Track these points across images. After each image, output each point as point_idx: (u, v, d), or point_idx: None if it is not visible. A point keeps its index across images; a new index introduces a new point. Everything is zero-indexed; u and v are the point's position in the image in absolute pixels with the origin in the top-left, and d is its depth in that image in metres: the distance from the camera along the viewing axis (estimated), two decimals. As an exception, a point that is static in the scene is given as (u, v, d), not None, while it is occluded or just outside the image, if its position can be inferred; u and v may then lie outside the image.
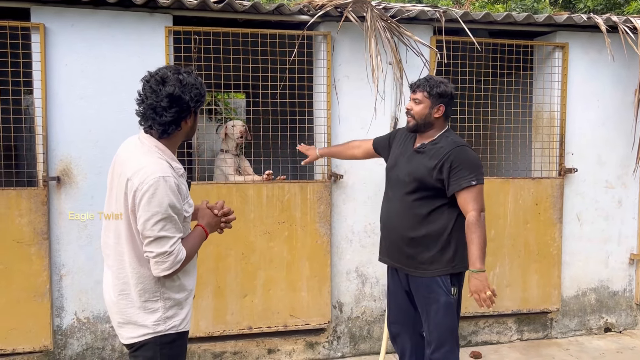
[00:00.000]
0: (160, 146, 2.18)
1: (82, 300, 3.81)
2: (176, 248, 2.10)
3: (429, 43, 4.19)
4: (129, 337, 2.21)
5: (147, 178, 2.05)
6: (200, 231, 2.30)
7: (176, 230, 2.11)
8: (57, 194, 3.72)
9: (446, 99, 2.99)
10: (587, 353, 4.39)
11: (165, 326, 2.19)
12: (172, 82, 2.09)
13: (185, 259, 2.15)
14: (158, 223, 2.05)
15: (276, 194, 4.03)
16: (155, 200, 2.04)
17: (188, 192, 2.27)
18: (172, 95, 2.08)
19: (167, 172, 2.09)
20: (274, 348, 4.16)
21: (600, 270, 4.76)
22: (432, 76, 3.08)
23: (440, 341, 3.00)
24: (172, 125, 2.13)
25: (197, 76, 2.18)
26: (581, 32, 4.54)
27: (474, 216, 2.86)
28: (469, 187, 2.87)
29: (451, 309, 2.98)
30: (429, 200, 2.97)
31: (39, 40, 3.60)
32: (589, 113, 4.62)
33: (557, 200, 4.52)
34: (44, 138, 3.66)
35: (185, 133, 2.24)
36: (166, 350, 2.20)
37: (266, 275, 4.05)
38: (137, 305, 2.18)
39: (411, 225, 3.00)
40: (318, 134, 4.16)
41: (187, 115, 2.16)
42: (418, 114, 3.00)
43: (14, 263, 3.64)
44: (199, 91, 2.15)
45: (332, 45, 4.06)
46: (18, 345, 3.68)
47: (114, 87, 3.76)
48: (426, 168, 2.95)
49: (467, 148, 2.96)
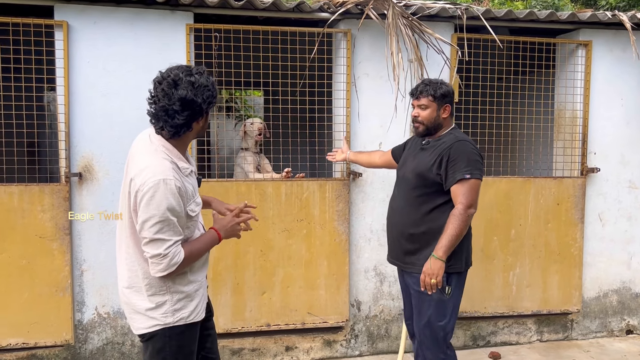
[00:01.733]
0: (168, 146, 2.18)
1: (103, 295, 3.85)
2: (172, 251, 2.11)
3: (450, 40, 4.15)
4: (139, 328, 2.26)
5: (147, 180, 2.06)
6: (212, 234, 2.32)
7: (173, 233, 2.11)
8: (78, 190, 3.76)
9: (450, 97, 3.04)
10: (608, 355, 4.33)
11: (173, 318, 2.23)
12: (184, 85, 2.07)
13: (184, 260, 2.16)
14: (155, 225, 2.07)
15: (295, 191, 4.03)
16: (153, 203, 2.05)
17: (196, 190, 2.28)
18: (184, 99, 2.07)
19: (169, 175, 2.09)
20: (291, 345, 4.16)
21: (623, 271, 4.69)
22: (429, 79, 3.10)
23: (427, 340, 3.00)
24: (183, 127, 2.14)
25: (209, 76, 2.16)
26: (605, 29, 4.47)
27: (458, 209, 2.85)
28: (462, 180, 2.86)
29: (443, 307, 2.95)
30: (431, 197, 2.98)
31: (62, 38, 3.64)
32: (612, 112, 4.55)
33: (579, 200, 4.46)
34: (66, 135, 3.69)
35: (196, 132, 2.25)
36: (175, 341, 2.25)
37: (284, 273, 4.05)
38: (145, 298, 2.22)
39: (412, 222, 3.02)
40: (337, 132, 4.15)
41: (199, 117, 2.17)
42: (427, 118, 3.04)
43: (36, 258, 3.68)
44: (211, 92, 2.14)
45: (352, 43, 4.04)
46: (40, 339, 3.73)
47: (135, 84, 3.79)
48: (427, 163, 2.98)
49: (467, 142, 2.96)
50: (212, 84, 2.15)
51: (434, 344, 2.99)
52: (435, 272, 2.83)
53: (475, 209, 2.90)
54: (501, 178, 4.34)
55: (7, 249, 3.64)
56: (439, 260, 2.83)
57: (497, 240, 4.34)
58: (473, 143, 2.99)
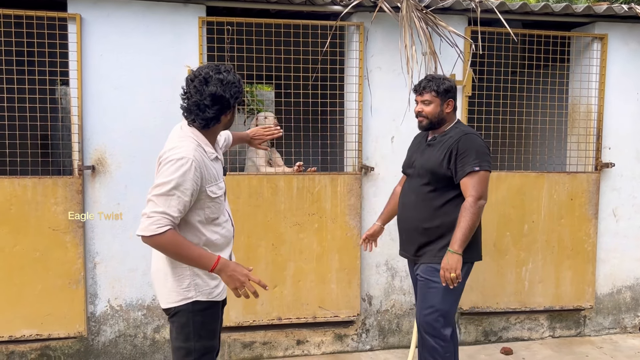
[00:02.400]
0: (197, 133, 2.37)
1: (115, 288, 3.87)
2: (157, 217, 2.19)
3: (464, 34, 4.12)
4: (165, 302, 2.42)
5: (172, 154, 2.25)
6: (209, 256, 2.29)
7: (168, 206, 2.20)
8: (91, 183, 3.78)
9: (452, 92, 3.09)
10: (621, 352, 4.30)
11: (195, 292, 2.38)
12: (214, 82, 2.27)
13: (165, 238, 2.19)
14: (156, 188, 2.23)
15: (307, 185, 4.02)
16: (166, 172, 2.22)
17: (220, 176, 2.44)
18: (214, 94, 2.27)
19: (191, 155, 2.24)
20: (302, 339, 4.16)
21: (636, 267, 4.65)
22: (432, 75, 3.16)
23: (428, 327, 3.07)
24: (213, 120, 2.34)
25: (235, 74, 2.35)
26: (621, 22, 4.41)
27: (469, 202, 2.90)
28: (471, 173, 2.92)
29: (448, 295, 3.02)
30: (442, 191, 3.04)
31: (75, 31, 3.64)
32: (628, 106, 4.49)
33: (593, 195, 4.42)
34: (79, 128, 3.71)
35: (224, 125, 2.43)
36: (198, 317, 2.40)
37: (296, 267, 4.05)
38: (170, 273, 2.38)
39: (426, 217, 3.06)
40: (349, 126, 4.14)
41: (227, 111, 2.36)
42: (431, 113, 3.09)
43: (49, 250, 3.70)
44: (238, 88, 2.33)
45: (364, 36, 4.02)
46: (53, 331, 3.76)
47: (148, 77, 3.79)
48: (437, 159, 3.03)
49: (474, 135, 3.02)
50: (239, 80, 2.34)
51: (435, 331, 3.06)
52: (453, 266, 2.88)
53: (485, 200, 2.95)
54: (514, 173, 4.31)
55: (20, 241, 3.66)
56: (455, 254, 2.88)
57: (509, 236, 4.31)
58: (479, 135, 3.06)
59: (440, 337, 3.06)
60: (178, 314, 2.40)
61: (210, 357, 2.48)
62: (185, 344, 2.41)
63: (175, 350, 2.46)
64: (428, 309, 3.07)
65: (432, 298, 3.05)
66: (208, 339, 2.45)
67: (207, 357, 2.46)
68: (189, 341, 2.40)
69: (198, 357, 2.42)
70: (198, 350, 2.41)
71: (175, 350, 2.46)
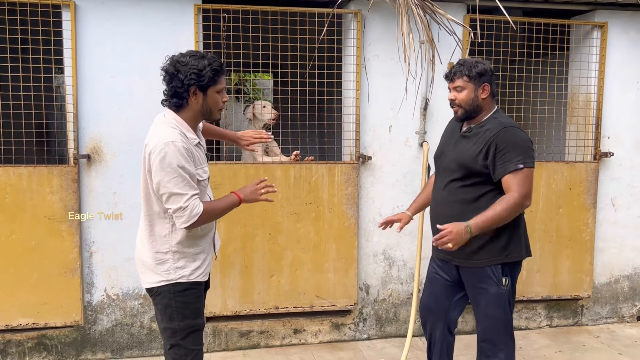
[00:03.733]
0: (178, 119, 2.46)
1: (112, 277, 3.86)
2: (191, 203, 2.35)
3: (462, 22, 4.08)
4: (146, 282, 2.53)
5: (159, 142, 2.34)
6: (232, 196, 2.54)
7: (189, 188, 2.35)
8: (87, 172, 3.76)
9: (487, 76, 2.78)
10: (618, 341, 4.30)
11: (175, 275, 2.47)
12: (172, 62, 2.41)
13: (204, 213, 2.39)
14: (170, 181, 2.33)
15: (304, 174, 4.00)
16: (166, 162, 2.32)
17: (203, 161, 2.53)
18: (167, 71, 2.42)
19: (177, 139, 2.35)
20: (300, 328, 4.16)
21: (635, 257, 4.64)
22: (464, 59, 2.87)
23: (489, 334, 2.85)
24: (173, 98, 2.43)
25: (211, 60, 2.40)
26: (621, 10, 4.37)
27: (514, 196, 2.63)
28: (515, 171, 2.65)
29: (502, 301, 2.78)
30: (476, 186, 2.77)
31: (69, 18, 3.61)
32: (627, 95, 4.47)
33: (592, 185, 4.40)
34: (74, 116, 3.68)
35: (199, 111, 2.47)
36: (180, 297, 2.48)
37: (293, 256, 4.04)
38: (151, 254, 2.48)
39: (459, 213, 2.76)
40: (347, 115, 4.11)
41: (184, 92, 2.40)
42: (464, 100, 2.79)
43: (45, 239, 3.69)
44: (198, 72, 2.37)
45: (362, 24, 3.98)
46: (50, 320, 3.76)
47: (143, 65, 3.76)
48: (471, 153, 2.76)
49: (515, 129, 2.73)
50: (204, 66, 2.38)
51: (497, 338, 2.84)
52: (458, 238, 2.57)
53: (529, 201, 2.68)
54: (513, 162, 4.28)
55: (16, 230, 3.65)
56: (468, 233, 2.59)
57: (507, 225, 4.29)
58: (521, 128, 2.76)
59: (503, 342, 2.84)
60: (160, 296, 2.49)
61: (196, 334, 2.55)
62: (170, 324, 2.50)
63: (162, 331, 2.56)
64: (483, 315, 2.86)
65: (484, 308, 2.84)
66: (192, 318, 2.52)
67: (194, 335, 2.53)
68: (173, 321, 2.49)
69: (184, 337, 2.50)
70: (183, 329, 2.49)
71: (162, 331, 2.55)
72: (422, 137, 4.15)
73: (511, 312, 2.85)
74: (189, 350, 2.51)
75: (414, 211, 3.23)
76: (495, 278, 2.76)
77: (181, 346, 2.50)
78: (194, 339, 2.54)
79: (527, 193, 2.66)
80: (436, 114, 4.17)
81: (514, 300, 2.88)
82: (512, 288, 2.84)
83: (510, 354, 2.86)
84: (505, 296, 2.79)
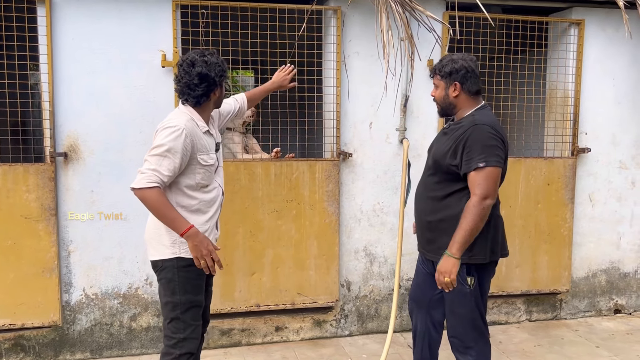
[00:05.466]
0: (191, 110, 2.67)
1: (90, 276, 3.82)
2: (149, 174, 2.49)
3: (442, 19, 4.09)
4: (152, 255, 2.69)
5: (167, 123, 2.58)
6: (184, 223, 2.56)
7: (159, 165, 2.50)
8: (64, 170, 3.71)
9: (458, 74, 2.77)
10: (596, 334, 4.37)
11: (179, 249, 2.62)
12: (199, 63, 2.59)
13: (151, 194, 2.49)
14: (152, 150, 2.53)
15: (284, 172, 3.99)
16: (160, 136, 2.54)
17: (211, 148, 2.71)
18: (200, 74, 2.59)
19: (182, 124, 2.54)
20: (281, 325, 4.16)
21: (612, 251, 4.71)
22: (445, 55, 2.89)
23: (456, 331, 2.86)
24: (203, 97, 2.65)
25: (218, 56, 2.68)
26: (598, 8, 4.42)
27: (473, 201, 2.63)
28: (477, 169, 2.64)
29: (467, 300, 2.78)
30: (446, 183, 2.80)
31: (44, 14, 3.55)
32: (604, 92, 4.52)
33: (570, 180, 4.46)
34: (50, 114, 3.63)
35: (215, 102, 2.75)
36: (183, 272, 2.63)
37: (274, 254, 4.03)
38: (157, 229, 2.63)
39: (430, 209, 2.85)
40: (327, 112, 4.11)
41: (214, 88, 2.67)
42: (438, 97, 2.87)
43: (22, 239, 3.64)
44: (221, 67, 2.65)
45: (342, 21, 3.98)
46: (27, 320, 3.70)
47: (121, 62, 3.72)
48: (442, 150, 2.80)
49: (484, 126, 2.69)
50: (222, 61, 2.66)
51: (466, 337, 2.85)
52: (448, 271, 2.66)
53: (492, 199, 2.65)
54: (492, 158, 4.31)
55: (-8, 229, 3.59)
56: (451, 257, 2.65)
57: (487, 221, 4.32)
58: (493, 126, 2.70)
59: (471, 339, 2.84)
60: (164, 270, 2.64)
61: (196, 310, 2.69)
62: (172, 298, 2.63)
63: (163, 306, 2.68)
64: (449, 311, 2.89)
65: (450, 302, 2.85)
66: (193, 294, 2.66)
67: (193, 310, 2.67)
68: (175, 295, 2.63)
69: (184, 311, 2.63)
70: (184, 303, 2.63)
71: (163, 305, 2.68)
72: (402, 133, 4.17)
73: (480, 311, 2.83)
74: (187, 324, 2.64)
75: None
76: (460, 276, 2.74)
77: (180, 320, 2.63)
78: (194, 314, 2.67)
79: (486, 193, 2.63)
80: (416, 110, 4.19)
81: (484, 300, 2.86)
82: (481, 288, 2.82)
83: (481, 352, 2.85)
84: (471, 295, 2.78)
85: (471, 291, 2.78)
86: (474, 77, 2.79)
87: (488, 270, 2.85)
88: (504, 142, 2.74)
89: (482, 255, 2.76)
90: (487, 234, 2.75)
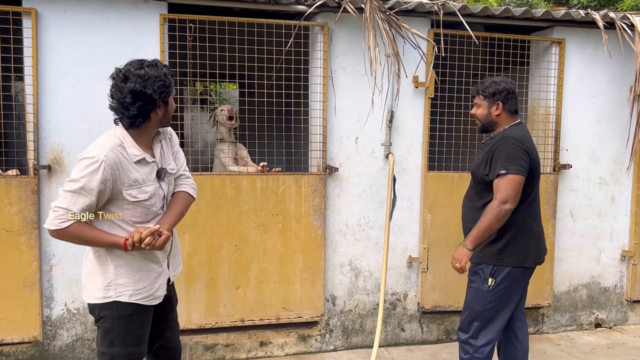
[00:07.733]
0: (124, 133, 2.29)
1: (73, 290, 3.76)
2: (60, 213, 2.18)
3: (427, 36, 4.15)
4: (86, 296, 2.40)
5: (85, 153, 2.22)
6: (117, 239, 2.26)
7: (70, 203, 2.18)
8: (47, 183, 3.66)
9: (501, 95, 3.10)
10: (577, 348, 4.41)
11: (115, 292, 2.32)
12: (133, 78, 2.19)
13: (67, 231, 2.20)
14: (67, 184, 2.20)
15: (270, 185, 3.99)
16: (75, 169, 2.20)
17: (145, 180, 2.32)
18: (133, 91, 2.19)
19: (101, 156, 2.18)
20: (266, 341, 4.13)
21: (592, 266, 4.78)
22: (486, 78, 3.20)
23: (462, 317, 3.20)
24: (138, 118, 2.24)
25: (162, 67, 2.26)
26: (578, 27, 4.53)
27: (493, 204, 2.95)
28: (499, 176, 2.96)
29: (481, 296, 3.09)
30: (483, 193, 3.11)
31: (30, 26, 3.53)
32: (584, 109, 4.62)
33: (551, 196, 4.52)
34: (34, 126, 3.59)
35: (158, 122, 2.35)
36: (123, 323, 2.36)
37: (259, 268, 4.02)
38: (93, 270, 2.35)
39: (471, 217, 3.15)
40: (314, 126, 4.12)
41: (153, 108, 2.26)
42: (480, 115, 3.19)
43: (2, 252, 3.57)
44: (163, 82, 2.23)
45: (329, 37, 4.01)
46: (6, 336, 3.63)
47: (107, 74, 3.61)
48: (477, 163, 3.14)
49: (510, 138, 3.01)
50: (165, 74, 2.25)
51: (464, 326, 3.18)
52: (459, 258, 3.05)
53: (511, 204, 2.93)
54: (476, 174, 4.36)
55: (-28, 243, 3.52)
56: (464, 248, 3.04)
57: (471, 236, 4.36)
58: (519, 139, 3.01)
59: (470, 335, 3.15)
60: (103, 319, 2.37)
61: None
62: (109, 349, 2.38)
63: (99, 355, 2.42)
64: (465, 305, 3.21)
65: (467, 296, 3.20)
66: (134, 346, 2.41)
67: None
68: (113, 347, 2.38)
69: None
70: (122, 356, 2.38)
71: (99, 355, 2.42)
72: (387, 148, 4.20)
73: (490, 312, 3.09)
74: None
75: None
76: (482, 275, 3.09)
77: None
78: None
79: (506, 198, 2.93)
80: (401, 126, 4.23)
81: (500, 303, 3.10)
82: (500, 290, 3.07)
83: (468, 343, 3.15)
84: (487, 294, 3.08)
85: (489, 291, 3.06)
86: (514, 98, 3.15)
87: (514, 274, 3.08)
88: (529, 154, 3.00)
89: (512, 259, 3.05)
90: (520, 240, 3.06)
